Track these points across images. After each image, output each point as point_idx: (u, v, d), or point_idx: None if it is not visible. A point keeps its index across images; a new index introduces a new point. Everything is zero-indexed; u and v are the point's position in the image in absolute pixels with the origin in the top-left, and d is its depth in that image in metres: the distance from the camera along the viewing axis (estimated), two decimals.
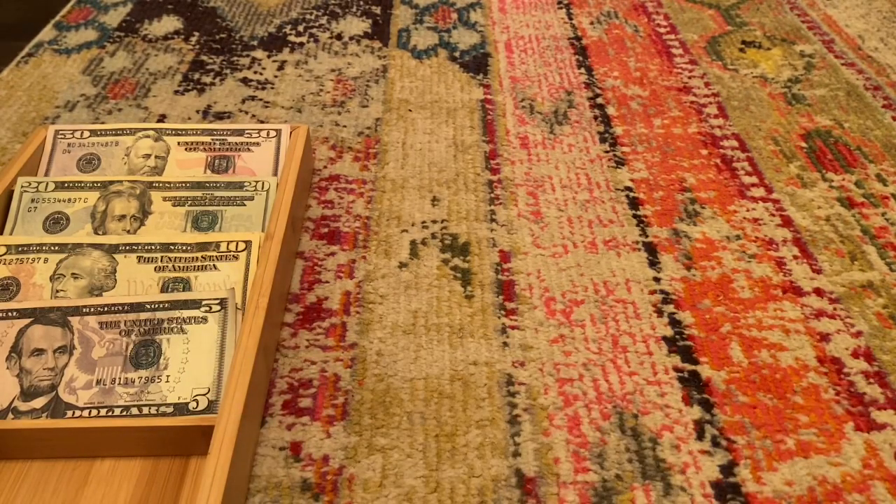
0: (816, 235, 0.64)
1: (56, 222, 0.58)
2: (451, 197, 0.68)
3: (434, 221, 0.65)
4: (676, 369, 0.52)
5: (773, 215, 0.66)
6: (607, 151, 0.74)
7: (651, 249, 0.62)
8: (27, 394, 0.46)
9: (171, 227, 0.58)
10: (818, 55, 0.89)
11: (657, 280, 0.59)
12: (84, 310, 0.49)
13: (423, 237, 0.63)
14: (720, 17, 0.98)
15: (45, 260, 0.53)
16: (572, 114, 0.79)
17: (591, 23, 0.97)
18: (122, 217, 0.58)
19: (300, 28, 0.96)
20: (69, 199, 0.59)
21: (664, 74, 0.86)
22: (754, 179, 0.70)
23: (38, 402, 0.46)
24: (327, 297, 0.58)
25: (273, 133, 0.67)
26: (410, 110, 0.80)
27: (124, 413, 0.45)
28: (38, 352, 0.48)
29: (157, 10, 1.00)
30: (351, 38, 0.94)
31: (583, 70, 0.87)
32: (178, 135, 0.66)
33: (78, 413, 0.45)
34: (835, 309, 0.57)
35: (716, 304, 0.57)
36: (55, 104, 0.81)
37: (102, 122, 0.78)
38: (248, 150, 0.66)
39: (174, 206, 0.59)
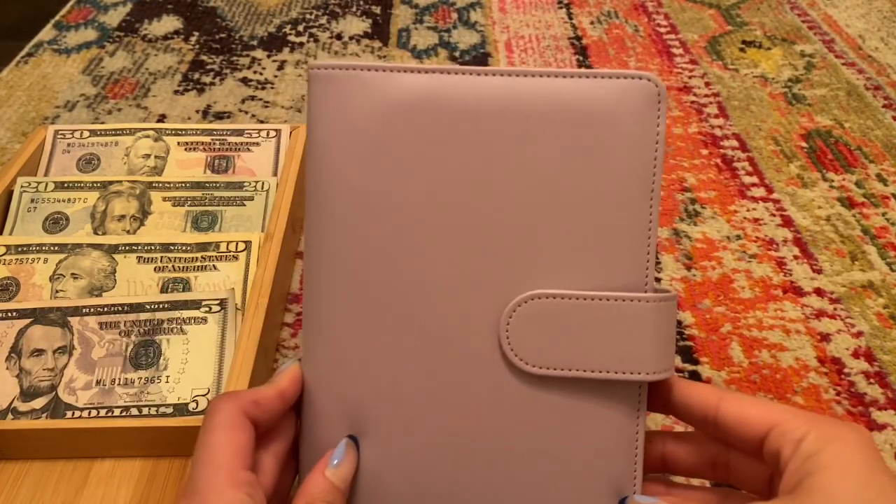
0: (817, 235, 0.63)
1: (56, 222, 0.58)
2: None
3: None
4: (677, 369, 0.52)
5: (774, 215, 0.66)
6: None
7: None
8: (27, 394, 0.46)
9: (171, 228, 0.58)
10: (818, 55, 0.89)
11: (658, 280, 0.59)
12: (84, 310, 0.49)
13: None
14: (720, 17, 0.98)
15: (45, 260, 0.53)
16: None
17: (592, 22, 0.97)
18: (122, 217, 0.58)
19: (300, 28, 0.96)
20: (69, 200, 0.59)
21: (664, 74, 0.86)
22: (755, 179, 0.70)
23: (38, 403, 0.46)
24: None
25: (273, 133, 0.67)
26: None
27: (124, 413, 0.45)
28: (38, 352, 0.47)
29: (157, 9, 1.00)
30: (351, 38, 0.94)
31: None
32: (178, 135, 0.66)
33: (78, 413, 0.45)
34: (835, 309, 0.57)
35: (716, 304, 0.57)
36: (55, 104, 0.80)
37: (102, 122, 0.78)
38: (248, 150, 0.66)
39: (174, 206, 0.59)
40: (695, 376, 0.52)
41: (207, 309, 0.50)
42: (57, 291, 0.52)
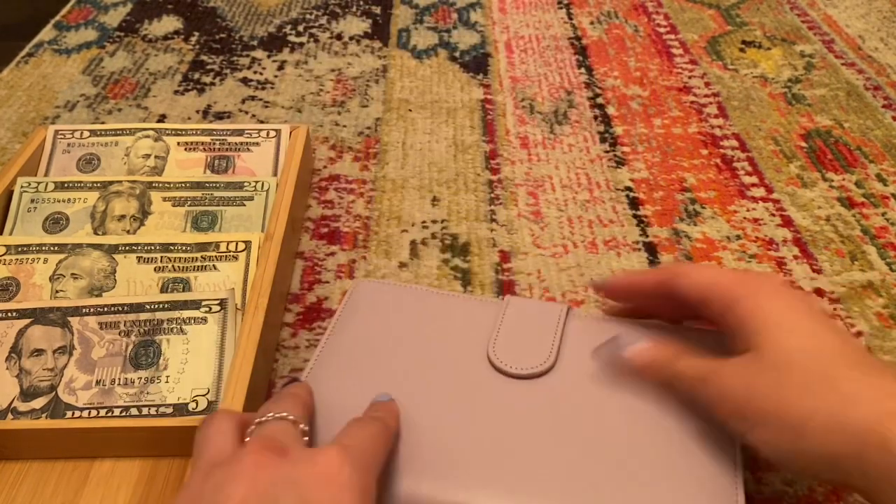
0: (817, 235, 0.63)
1: (56, 222, 0.58)
2: (451, 197, 0.68)
3: (434, 221, 0.65)
4: None
5: (774, 215, 0.66)
6: (607, 151, 0.74)
7: (651, 249, 0.62)
8: (27, 394, 0.46)
9: (171, 228, 0.58)
10: (818, 55, 0.89)
11: None
12: (84, 310, 0.49)
13: (423, 237, 0.63)
14: (720, 17, 0.98)
15: (45, 260, 0.53)
16: (572, 114, 0.79)
17: (591, 23, 0.97)
18: (122, 217, 0.58)
19: (300, 28, 0.96)
20: (69, 200, 0.59)
21: (664, 74, 0.86)
22: (754, 179, 0.70)
23: (38, 403, 0.46)
24: (327, 297, 0.58)
25: (273, 133, 0.67)
26: (410, 110, 0.80)
27: (124, 413, 0.45)
28: (38, 352, 0.48)
29: (157, 10, 1.00)
30: (351, 38, 0.94)
31: (583, 70, 0.87)
32: (178, 135, 0.66)
33: (77, 413, 0.45)
34: (835, 309, 0.57)
35: None
36: (55, 104, 0.81)
37: (102, 122, 0.78)
38: (248, 150, 0.66)
39: (174, 206, 0.59)
40: None
41: (207, 309, 0.50)
42: (57, 291, 0.52)
